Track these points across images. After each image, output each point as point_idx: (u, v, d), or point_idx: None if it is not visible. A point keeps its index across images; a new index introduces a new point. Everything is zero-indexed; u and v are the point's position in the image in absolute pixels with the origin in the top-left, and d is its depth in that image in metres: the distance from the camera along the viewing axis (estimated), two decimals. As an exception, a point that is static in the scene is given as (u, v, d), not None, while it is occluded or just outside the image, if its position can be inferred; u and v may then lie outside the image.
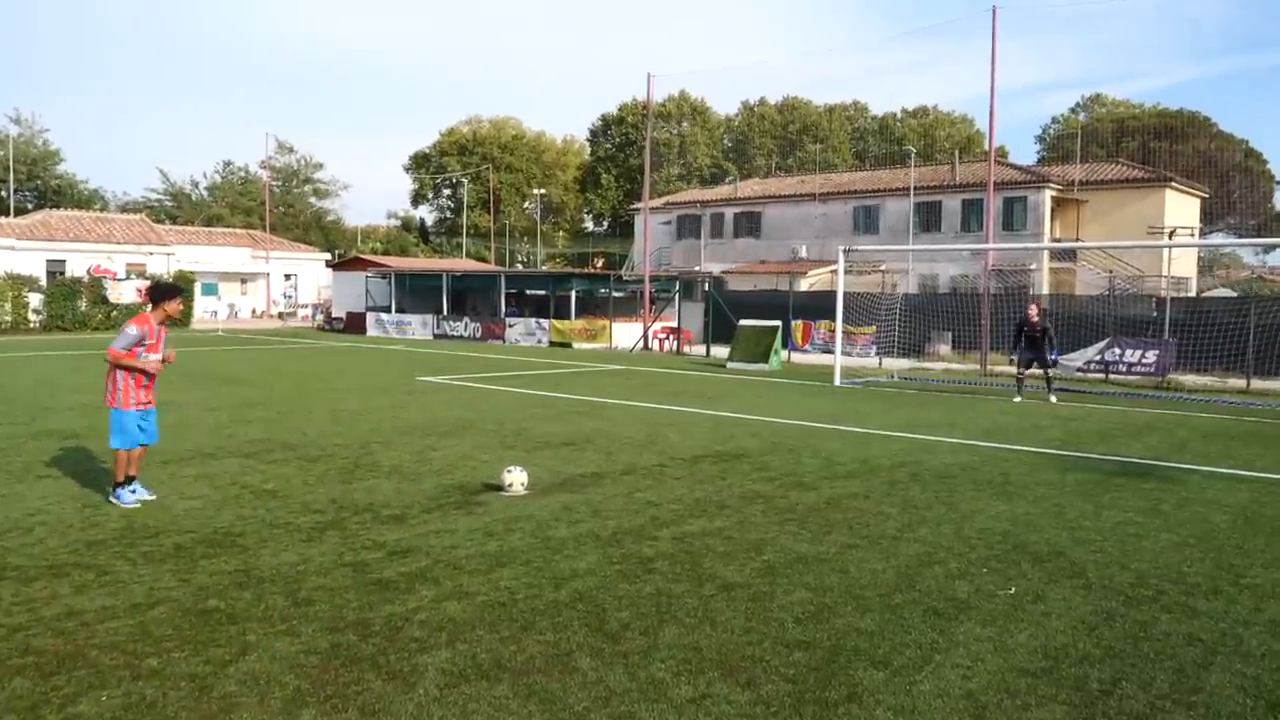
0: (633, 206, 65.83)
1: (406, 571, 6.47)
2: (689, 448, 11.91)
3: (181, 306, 8.70)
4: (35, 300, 40.06)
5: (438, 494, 8.94)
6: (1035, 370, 18.77)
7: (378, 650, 5.12)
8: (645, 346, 33.68)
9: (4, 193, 70.64)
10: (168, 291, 8.48)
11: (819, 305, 31.48)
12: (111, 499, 8.40)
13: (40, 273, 43.76)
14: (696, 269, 50.80)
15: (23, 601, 5.80)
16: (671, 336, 33.93)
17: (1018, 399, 18.15)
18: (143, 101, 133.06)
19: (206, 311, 54.95)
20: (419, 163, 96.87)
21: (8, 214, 60.58)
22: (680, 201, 56.84)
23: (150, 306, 8.48)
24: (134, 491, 8.46)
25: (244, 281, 60.59)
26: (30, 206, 68.86)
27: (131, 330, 8.28)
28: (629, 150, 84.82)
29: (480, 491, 9.08)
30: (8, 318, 39.10)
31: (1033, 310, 18.40)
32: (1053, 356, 18.41)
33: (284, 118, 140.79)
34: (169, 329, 8.61)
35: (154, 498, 8.52)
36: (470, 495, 8.91)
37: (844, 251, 22.82)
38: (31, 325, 39.60)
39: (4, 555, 6.75)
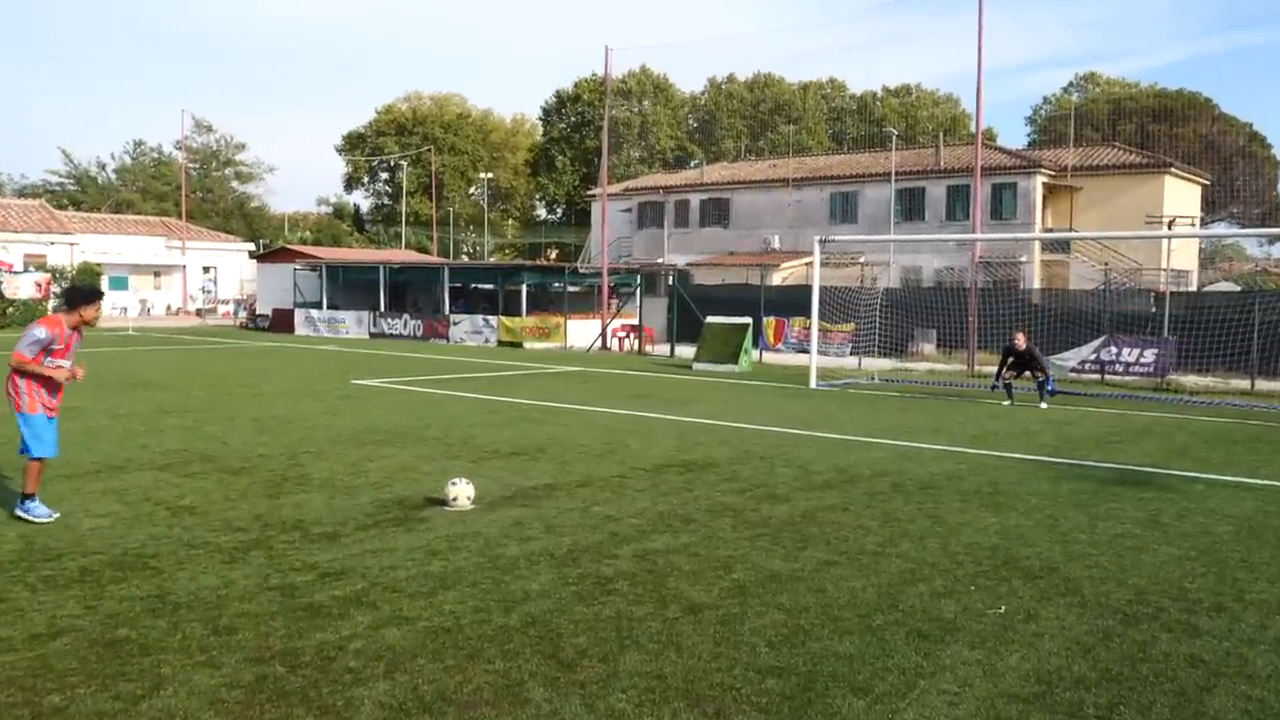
0: (589, 192, 65.83)
1: (340, 595, 6.42)
2: (652, 457, 11.92)
3: (99, 313, 8.76)
4: (-80, 295, 39.25)
5: (374, 509, 8.88)
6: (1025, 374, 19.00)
7: (308, 683, 5.07)
8: (604, 346, 33.69)
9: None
10: (86, 296, 8.43)
11: (793, 300, 31.66)
12: (19, 513, 8.27)
13: (-74, 265, 42.84)
14: (660, 261, 50.85)
15: (-94, 633, 5.67)
16: (632, 335, 33.96)
17: (1007, 403, 18.39)
18: (43, 73, 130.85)
19: (115, 308, 54.10)
20: (353, 144, 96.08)
21: (-111, 199, 59.34)
22: (642, 187, 56.92)
23: (65, 309, 8.41)
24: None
25: (157, 275, 59.76)
26: (-86, 191, 67.51)
27: (38, 333, 8.20)
28: (585, 131, 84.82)
29: (422, 506, 9.03)
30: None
31: (1020, 339, 18.67)
32: (1050, 389, 18.44)
33: (202, 93, 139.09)
34: (81, 336, 8.59)
35: (56, 515, 8.38)
36: (411, 510, 8.86)
37: (820, 242, 22.98)
38: (-84, 323, 38.80)
39: (-115, 581, 6.61)
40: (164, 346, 31.70)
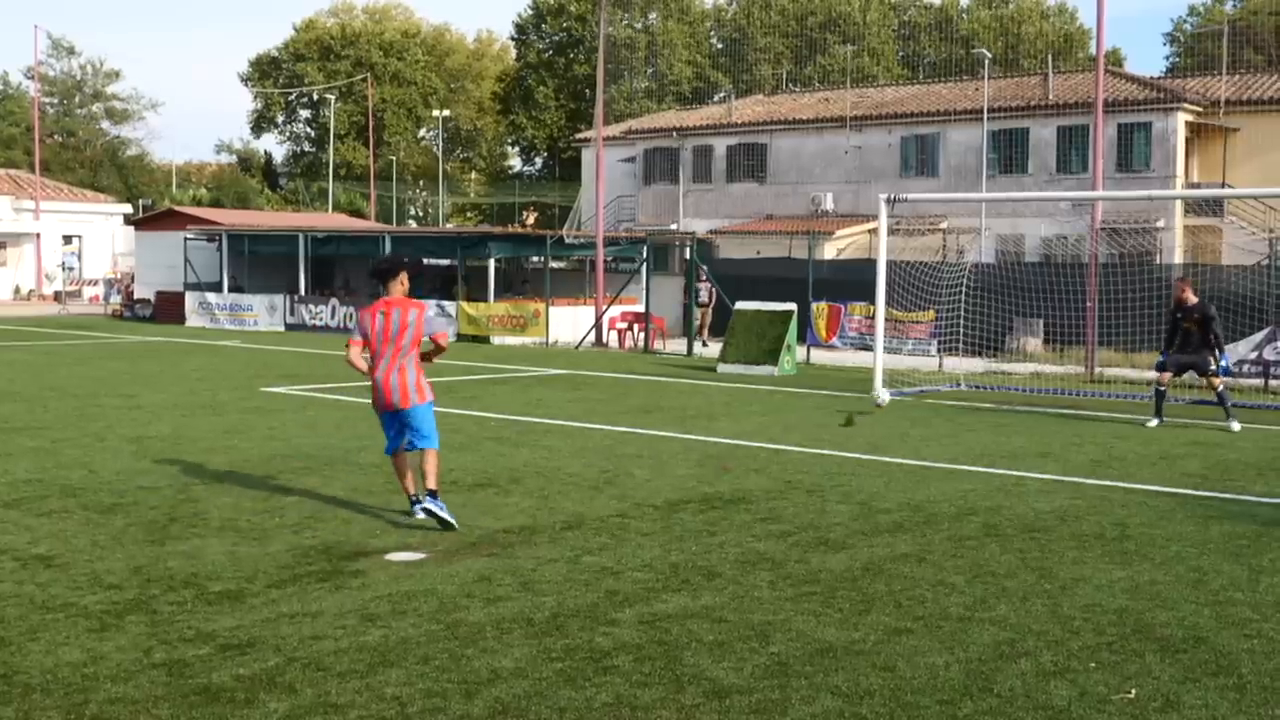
0: (579, 136, 65.87)
1: (246, 674, 6.43)
2: (663, 489, 11.94)
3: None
4: None
5: (292, 560, 8.90)
6: (1183, 376, 18.48)
7: (204, 791, 5.08)
8: (598, 341, 33.70)
9: None
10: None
11: (851, 280, 31.58)
12: (436, 510, 9.82)
13: None
14: (673, 227, 50.83)
15: None
16: (636, 327, 33.96)
17: (1153, 423, 17.71)
18: None
19: (-54, 291, 54.37)
20: (263, 71, 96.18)
21: None
22: (649, 129, 56.92)
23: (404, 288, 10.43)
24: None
25: (2, 246, 59.90)
26: None
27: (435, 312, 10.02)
28: (574, 53, 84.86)
29: (355, 556, 9.04)
30: None
31: (1186, 290, 17.88)
32: (1223, 362, 17.70)
33: (61, 4, 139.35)
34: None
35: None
36: (341, 561, 8.87)
37: (887, 202, 22.94)
38: None
39: None
40: (11, 342, 31.73)
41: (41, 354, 28.13)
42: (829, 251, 44.16)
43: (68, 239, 62.42)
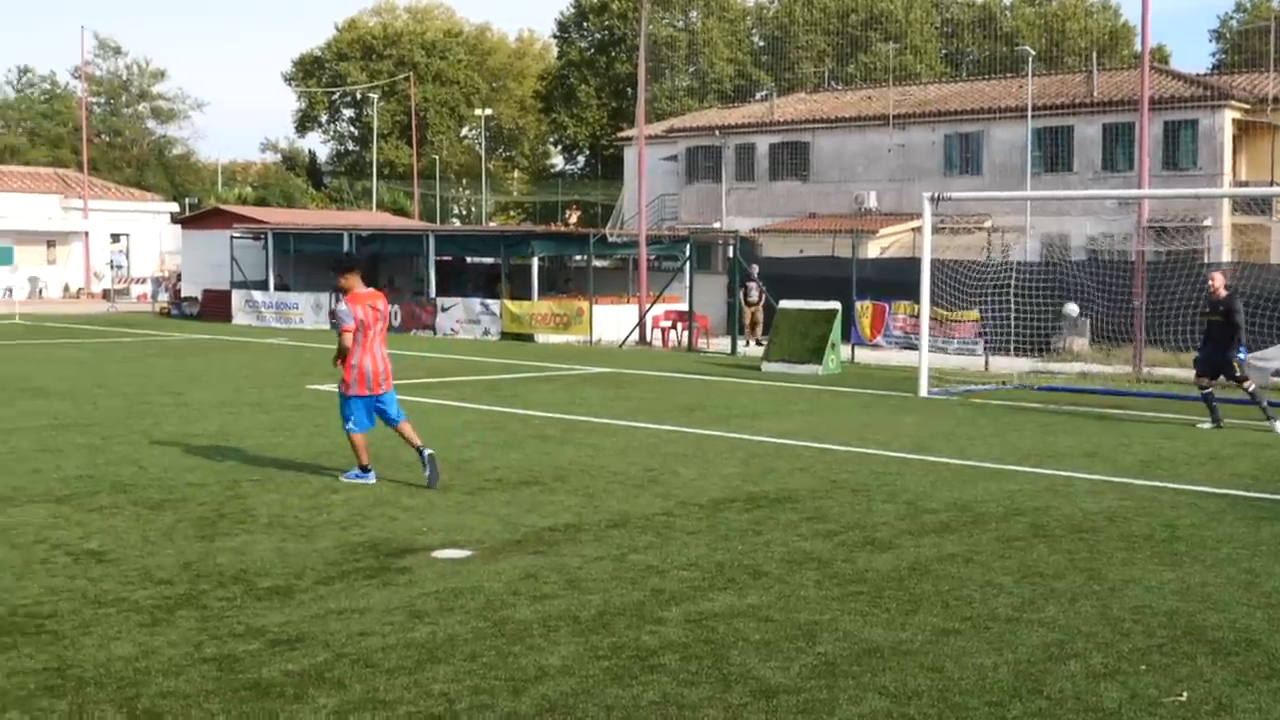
0: (621, 135, 65.91)
1: (296, 670, 6.46)
2: (708, 488, 11.93)
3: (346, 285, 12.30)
4: None
5: (340, 556, 8.94)
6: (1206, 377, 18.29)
7: (255, 786, 5.11)
8: (642, 340, 33.72)
9: None
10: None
11: (896, 279, 31.46)
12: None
13: None
14: (716, 226, 50.81)
15: None
16: (680, 325, 33.96)
17: (1205, 425, 17.43)
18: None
19: (-3, 289, 54.92)
20: (306, 71, 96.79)
21: None
22: (691, 128, 56.88)
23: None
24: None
25: (52, 245, 60.51)
26: None
27: None
28: (616, 52, 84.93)
29: (401, 553, 9.07)
30: None
31: (1217, 281, 17.63)
32: (1240, 357, 17.41)
33: (107, 5, 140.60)
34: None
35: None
36: (388, 558, 8.90)
37: (931, 200, 22.84)
38: None
39: None
40: (61, 340, 32.03)
41: (91, 351, 28.39)
42: (873, 250, 44.04)
43: (115, 237, 63.01)
